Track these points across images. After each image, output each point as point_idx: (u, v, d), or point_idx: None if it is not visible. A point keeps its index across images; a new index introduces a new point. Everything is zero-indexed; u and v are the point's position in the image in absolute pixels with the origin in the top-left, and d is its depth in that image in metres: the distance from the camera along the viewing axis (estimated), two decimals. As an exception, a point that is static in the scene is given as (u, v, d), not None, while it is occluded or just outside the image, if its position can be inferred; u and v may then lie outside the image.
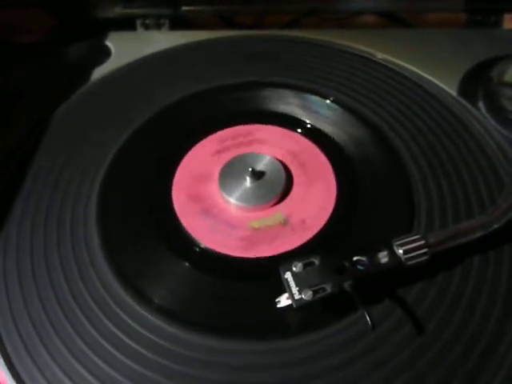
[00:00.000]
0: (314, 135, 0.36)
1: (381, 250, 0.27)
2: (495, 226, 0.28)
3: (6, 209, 0.33)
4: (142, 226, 0.32)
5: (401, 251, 0.27)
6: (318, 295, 0.25)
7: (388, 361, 0.25)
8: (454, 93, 0.38)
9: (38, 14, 0.49)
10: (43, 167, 0.35)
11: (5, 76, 0.43)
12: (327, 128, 0.37)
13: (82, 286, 0.29)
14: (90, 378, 0.25)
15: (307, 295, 0.25)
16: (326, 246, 0.30)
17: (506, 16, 0.46)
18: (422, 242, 0.27)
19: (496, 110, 0.36)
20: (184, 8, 0.49)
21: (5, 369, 0.26)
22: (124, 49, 0.44)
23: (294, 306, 0.25)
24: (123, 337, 0.27)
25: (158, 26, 0.49)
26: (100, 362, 0.26)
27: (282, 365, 0.25)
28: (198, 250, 0.31)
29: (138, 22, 0.49)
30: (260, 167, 0.34)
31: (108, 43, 0.45)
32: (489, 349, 0.25)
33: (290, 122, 0.37)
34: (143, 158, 0.36)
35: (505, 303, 0.27)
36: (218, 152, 0.36)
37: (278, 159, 0.34)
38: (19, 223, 0.32)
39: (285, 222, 0.31)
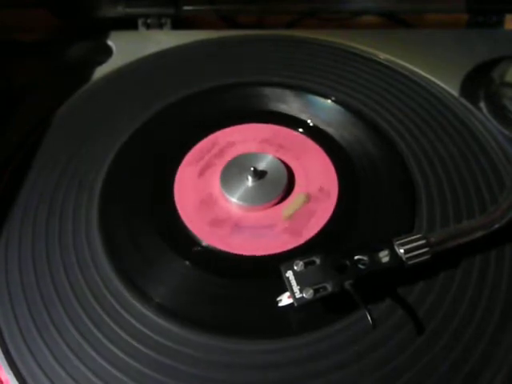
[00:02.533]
0: (315, 135, 0.36)
1: (382, 250, 0.27)
2: (496, 225, 0.28)
3: (7, 209, 0.33)
4: (144, 224, 0.32)
5: (402, 251, 0.27)
6: (319, 294, 0.25)
7: (388, 360, 0.25)
8: (455, 93, 0.38)
9: (38, 14, 0.49)
10: (44, 167, 0.35)
11: (5, 76, 0.43)
12: (328, 128, 0.37)
13: (83, 284, 0.29)
14: (90, 375, 0.25)
15: (308, 294, 0.25)
16: (327, 246, 0.30)
17: (508, 17, 0.46)
18: (423, 241, 0.27)
19: (497, 110, 0.36)
20: (185, 7, 0.49)
21: (7, 368, 0.26)
22: (125, 48, 0.44)
23: (295, 304, 0.25)
24: (124, 335, 0.27)
25: (160, 26, 0.49)
26: (100, 359, 0.26)
27: (282, 364, 0.25)
28: (200, 248, 0.31)
29: (140, 22, 0.49)
30: (262, 166, 0.34)
31: (109, 42, 0.45)
32: (490, 349, 0.25)
33: (290, 122, 0.37)
34: (145, 157, 0.36)
35: (506, 303, 0.27)
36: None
37: (279, 158, 0.34)
38: (20, 223, 0.32)
39: (308, 199, 0.32)
